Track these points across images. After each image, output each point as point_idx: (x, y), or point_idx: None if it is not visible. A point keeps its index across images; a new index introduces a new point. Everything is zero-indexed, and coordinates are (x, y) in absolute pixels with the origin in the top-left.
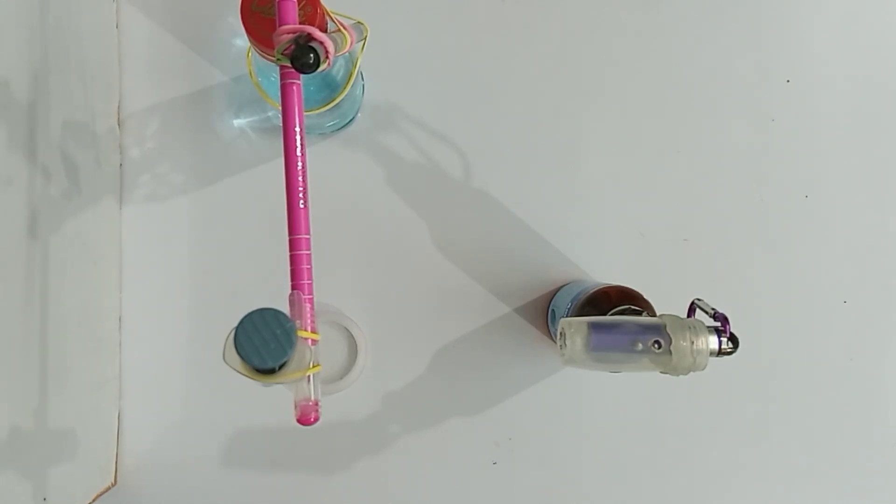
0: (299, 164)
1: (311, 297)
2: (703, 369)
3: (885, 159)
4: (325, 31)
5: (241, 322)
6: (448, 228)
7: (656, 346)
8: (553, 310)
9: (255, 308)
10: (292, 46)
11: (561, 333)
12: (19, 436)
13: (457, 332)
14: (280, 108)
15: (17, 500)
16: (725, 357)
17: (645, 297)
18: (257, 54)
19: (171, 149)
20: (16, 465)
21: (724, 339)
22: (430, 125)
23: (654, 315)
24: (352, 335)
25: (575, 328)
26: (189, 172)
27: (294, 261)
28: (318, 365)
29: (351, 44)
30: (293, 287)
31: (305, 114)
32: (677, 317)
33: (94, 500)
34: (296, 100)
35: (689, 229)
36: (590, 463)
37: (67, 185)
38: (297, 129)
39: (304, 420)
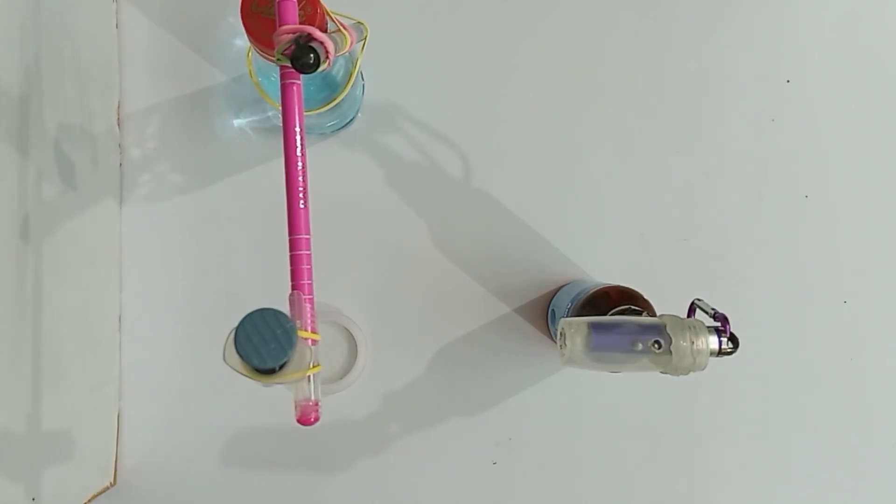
0: (299, 164)
1: (311, 297)
2: (703, 369)
3: (885, 159)
4: (325, 31)
5: (241, 322)
6: (448, 228)
7: (656, 346)
8: (553, 310)
9: (255, 308)
10: (292, 46)
11: (561, 333)
12: (10, 436)
13: (457, 332)
14: (280, 108)
15: (5, 500)
16: (725, 357)
17: (645, 297)
18: (257, 54)
19: (171, 149)
20: (5, 465)
21: (724, 339)
22: (430, 125)
23: (654, 315)
24: (352, 335)
25: (575, 328)
26: (189, 172)
27: (294, 261)
28: (318, 365)
29: (351, 44)
30: (293, 287)
31: (305, 114)
32: (677, 317)
33: (90, 500)
34: (296, 100)
35: (689, 229)
36: (590, 463)
37: (62, 184)
38: (297, 129)
39: (304, 420)
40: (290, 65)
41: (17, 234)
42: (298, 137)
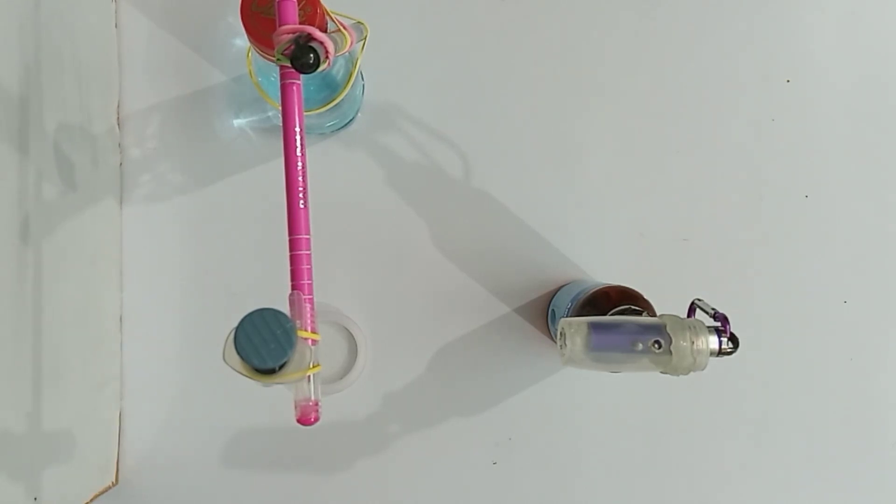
0: (299, 164)
1: (311, 297)
2: (703, 369)
3: (885, 159)
4: (325, 31)
5: (241, 322)
6: (448, 228)
7: (656, 346)
8: (553, 310)
9: (255, 308)
10: (292, 46)
11: (561, 333)
12: (11, 436)
13: (457, 332)
14: (280, 108)
15: (6, 500)
16: (725, 357)
17: (645, 297)
18: (257, 54)
19: (171, 149)
20: (6, 465)
21: (724, 339)
22: (430, 125)
23: (654, 315)
24: (352, 335)
25: (575, 328)
26: (189, 172)
27: (294, 261)
28: (318, 365)
29: (351, 44)
30: (293, 287)
31: (305, 114)
32: (677, 317)
33: (92, 500)
34: (296, 100)
35: (689, 229)
36: (590, 463)
37: (62, 184)
38: (297, 129)
39: (304, 420)
40: (290, 65)
41: (18, 234)
42: (298, 137)
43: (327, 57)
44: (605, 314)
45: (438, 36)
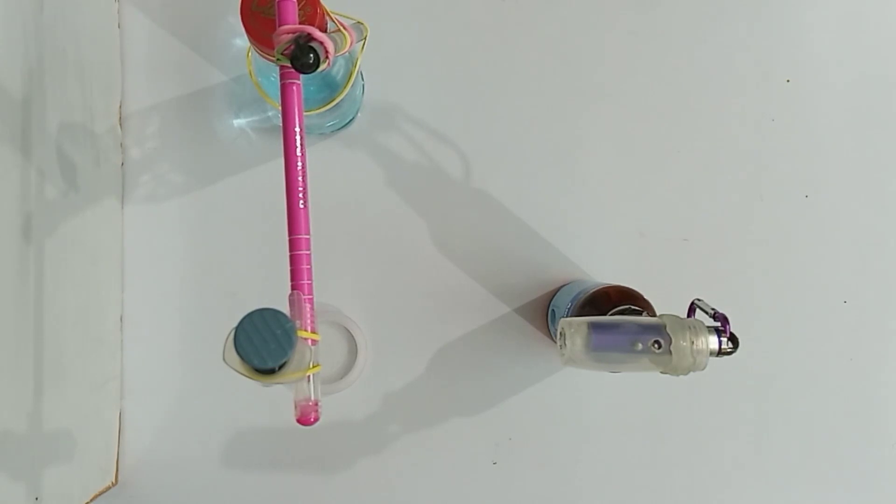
0: (299, 164)
1: (311, 297)
2: (703, 369)
3: (885, 159)
4: (325, 31)
5: (241, 322)
6: (448, 228)
7: (656, 346)
8: (553, 310)
9: (255, 308)
10: (292, 46)
11: (561, 333)
12: (12, 436)
13: (457, 332)
14: (280, 108)
15: (8, 500)
16: (725, 357)
17: (645, 297)
18: (257, 54)
19: (172, 149)
20: (7, 464)
21: (724, 339)
22: (430, 125)
23: (654, 315)
24: (352, 335)
25: (575, 328)
26: (189, 172)
27: (294, 261)
28: (318, 365)
29: (351, 44)
30: (293, 287)
31: (305, 114)
32: (677, 317)
33: (92, 500)
34: (296, 100)
35: (689, 229)
36: (590, 463)
37: (64, 184)
38: (297, 129)
39: (304, 420)
40: (289, 65)
41: (20, 234)
42: (298, 137)
43: (327, 57)
44: (605, 314)
45: (438, 36)
